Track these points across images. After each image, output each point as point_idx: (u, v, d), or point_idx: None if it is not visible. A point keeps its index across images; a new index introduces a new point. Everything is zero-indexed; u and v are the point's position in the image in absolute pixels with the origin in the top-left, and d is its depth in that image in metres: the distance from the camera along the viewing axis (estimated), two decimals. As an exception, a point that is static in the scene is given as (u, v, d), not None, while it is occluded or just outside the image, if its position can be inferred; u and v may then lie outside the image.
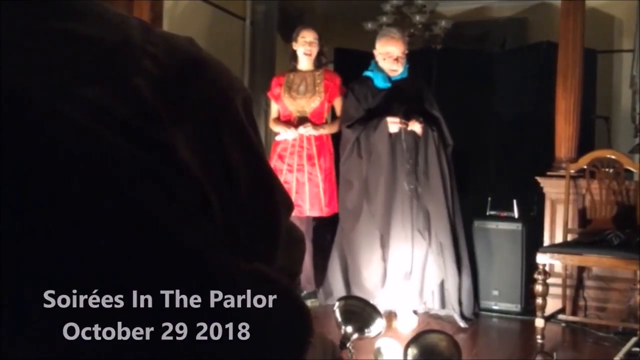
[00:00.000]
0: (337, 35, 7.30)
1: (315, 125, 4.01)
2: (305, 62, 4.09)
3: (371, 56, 3.93)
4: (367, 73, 4.06)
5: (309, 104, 4.01)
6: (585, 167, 3.94)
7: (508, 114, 5.81)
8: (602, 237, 3.43)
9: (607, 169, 3.89)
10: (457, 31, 6.58)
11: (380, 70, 4.00)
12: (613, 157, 3.89)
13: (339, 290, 3.93)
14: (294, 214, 3.91)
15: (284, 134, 3.98)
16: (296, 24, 6.98)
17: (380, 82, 3.97)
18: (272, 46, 6.55)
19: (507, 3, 6.56)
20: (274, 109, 4.18)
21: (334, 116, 4.20)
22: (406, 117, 3.78)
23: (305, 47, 4.03)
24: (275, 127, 4.13)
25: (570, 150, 4.23)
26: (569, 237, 3.93)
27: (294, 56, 4.16)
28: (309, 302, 3.95)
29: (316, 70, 4.10)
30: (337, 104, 4.12)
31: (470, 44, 6.51)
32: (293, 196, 3.95)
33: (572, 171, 3.98)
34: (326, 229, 6.77)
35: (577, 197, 4.07)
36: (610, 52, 6.24)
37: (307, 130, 3.95)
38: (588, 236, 3.72)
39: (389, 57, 3.98)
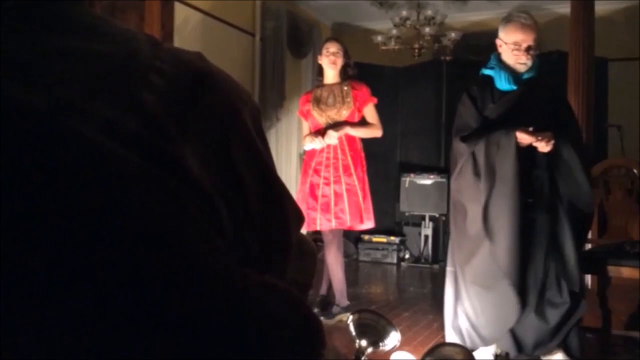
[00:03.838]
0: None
1: (344, 123, 3.92)
2: (331, 75, 4.05)
3: (379, 69, 3.71)
4: (487, 72, 3.26)
5: (339, 114, 3.97)
6: (598, 176, 3.91)
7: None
8: (618, 247, 3.40)
9: (620, 178, 3.86)
10: (466, 42, 6.59)
11: (504, 67, 3.20)
12: (627, 165, 3.86)
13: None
14: (335, 226, 3.90)
15: (311, 144, 3.95)
16: (305, 39, 7.05)
17: (503, 84, 3.18)
18: (282, 61, 6.58)
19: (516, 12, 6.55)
20: (305, 127, 4.14)
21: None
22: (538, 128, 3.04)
23: (330, 57, 3.98)
24: (304, 142, 4.11)
25: (583, 159, 4.19)
26: (585, 247, 3.90)
27: (320, 71, 4.13)
28: (344, 317, 3.84)
29: (343, 82, 4.05)
30: (368, 111, 4.02)
31: (480, 54, 6.50)
32: (332, 209, 3.90)
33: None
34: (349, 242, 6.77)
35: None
36: (621, 60, 6.21)
37: (332, 138, 3.88)
38: (604, 246, 3.68)
39: (517, 48, 3.17)
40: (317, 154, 3.97)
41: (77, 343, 0.45)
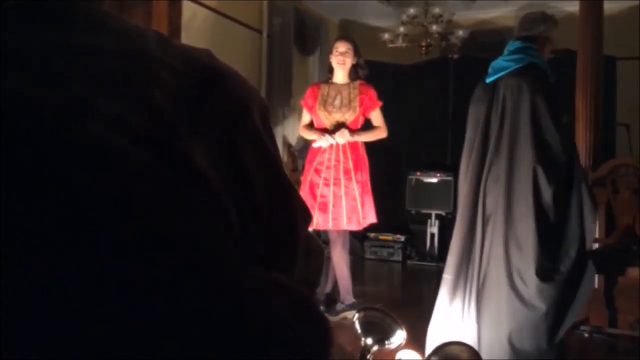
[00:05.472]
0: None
1: (352, 130, 3.95)
2: (340, 74, 4.03)
3: (386, 67, 3.61)
4: (543, 65, 3.08)
5: (344, 117, 3.97)
6: (606, 175, 3.89)
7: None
8: (625, 247, 3.38)
9: (628, 177, 3.84)
10: (474, 40, 6.57)
11: None
12: (634, 164, 3.84)
13: None
14: (332, 227, 3.89)
15: (319, 142, 3.95)
16: (312, 36, 7.04)
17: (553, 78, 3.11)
18: (289, 58, 6.58)
19: (524, 11, 6.53)
20: (306, 117, 4.14)
21: (366, 127, 4.11)
22: None
23: (338, 57, 3.97)
24: (308, 135, 4.09)
25: (590, 158, 4.18)
26: (592, 247, 3.88)
27: (330, 69, 4.12)
28: (348, 314, 3.86)
29: (351, 82, 4.03)
30: (374, 115, 4.03)
31: (488, 52, 6.48)
32: (329, 210, 3.90)
33: (593, 179, 3.93)
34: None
35: (599, 206, 4.01)
36: (630, 59, 6.18)
37: (343, 137, 3.89)
38: (611, 245, 3.67)
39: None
40: (320, 154, 3.97)
41: (77, 343, 0.45)
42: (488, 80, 3.09)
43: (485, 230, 2.95)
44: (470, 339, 2.94)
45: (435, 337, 3.12)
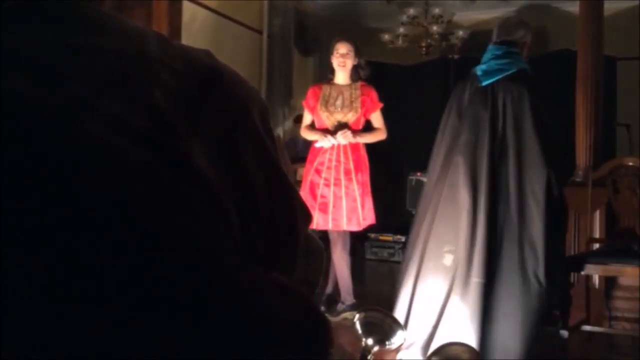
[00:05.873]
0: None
1: (354, 131, 3.96)
2: (341, 75, 4.04)
3: (387, 67, 3.63)
4: (529, 70, 3.17)
5: (346, 118, 3.98)
6: (606, 175, 3.89)
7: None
8: (626, 247, 3.38)
9: (629, 177, 3.84)
10: (474, 40, 6.56)
11: None
12: (635, 164, 3.84)
13: None
14: (332, 227, 3.90)
15: (321, 142, 3.96)
16: (312, 37, 7.05)
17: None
18: (289, 59, 6.59)
19: (525, 11, 6.54)
20: (308, 118, 4.14)
21: (367, 129, 4.12)
22: None
23: (339, 59, 3.98)
24: (310, 135, 4.09)
25: (591, 158, 4.18)
26: (593, 247, 3.88)
27: (332, 69, 4.12)
28: (349, 315, 3.85)
29: (353, 84, 4.05)
30: (375, 117, 4.06)
31: (488, 53, 6.49)
32: (329, 210, 3.91)
33: (593, 179, 3.93)
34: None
35: (600, 206, 4.02)
36: (631, 59, 6.17)
37: (346, 138, 3.89)
38: (612, 245, 3.66)
39: None
40: (320, 154, 3.98)
41: (77, 343, 0.45)
42: (484, 83, 3.12)
43: (495, 233, 2.96)
44: (479, 340, 2.94)
45: (442, 338, 3.11)
